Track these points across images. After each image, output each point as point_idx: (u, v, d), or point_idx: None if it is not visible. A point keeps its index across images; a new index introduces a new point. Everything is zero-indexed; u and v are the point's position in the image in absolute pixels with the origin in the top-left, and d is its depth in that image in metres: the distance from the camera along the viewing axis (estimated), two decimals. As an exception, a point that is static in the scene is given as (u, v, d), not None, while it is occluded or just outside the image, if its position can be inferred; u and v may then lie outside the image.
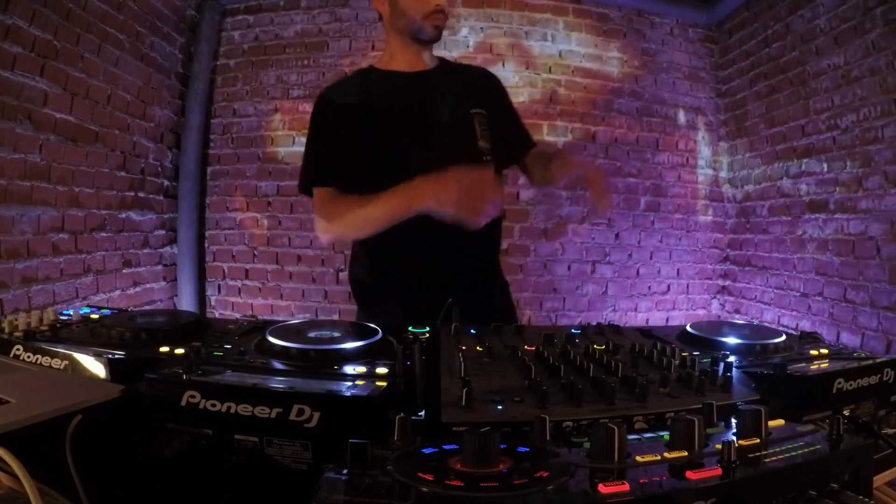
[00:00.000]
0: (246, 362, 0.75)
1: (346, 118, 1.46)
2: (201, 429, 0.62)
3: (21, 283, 2.33)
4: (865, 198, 2.71)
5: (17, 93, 2.27)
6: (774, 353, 0.88)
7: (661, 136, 3.70)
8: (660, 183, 3.70)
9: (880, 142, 2.61)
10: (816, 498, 0.47)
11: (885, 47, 2.56)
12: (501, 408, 0.62)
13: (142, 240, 3.21)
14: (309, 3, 3.53)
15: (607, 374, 0.74)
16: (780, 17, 3.23)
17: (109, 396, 0.64)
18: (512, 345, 0.89)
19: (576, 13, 3.60)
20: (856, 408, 0.72)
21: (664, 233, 3.71)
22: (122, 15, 2.86)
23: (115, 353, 0.75)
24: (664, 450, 0.48)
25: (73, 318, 0.95)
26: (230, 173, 3.59)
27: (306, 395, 0.61)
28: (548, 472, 0.43)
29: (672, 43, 3.74)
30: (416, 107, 1.45)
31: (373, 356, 0.80)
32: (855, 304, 2.74)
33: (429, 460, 0.46)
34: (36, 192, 2.41)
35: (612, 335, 1.00)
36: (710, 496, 0.42)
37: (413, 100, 1.46)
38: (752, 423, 0.52)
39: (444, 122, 1.45)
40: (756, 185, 3.52)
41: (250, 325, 0.96)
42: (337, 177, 1.45)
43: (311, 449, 0.60)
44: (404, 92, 1.47)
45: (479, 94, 1.53)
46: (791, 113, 3.18)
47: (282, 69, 3.54)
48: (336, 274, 3.50)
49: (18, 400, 0.60)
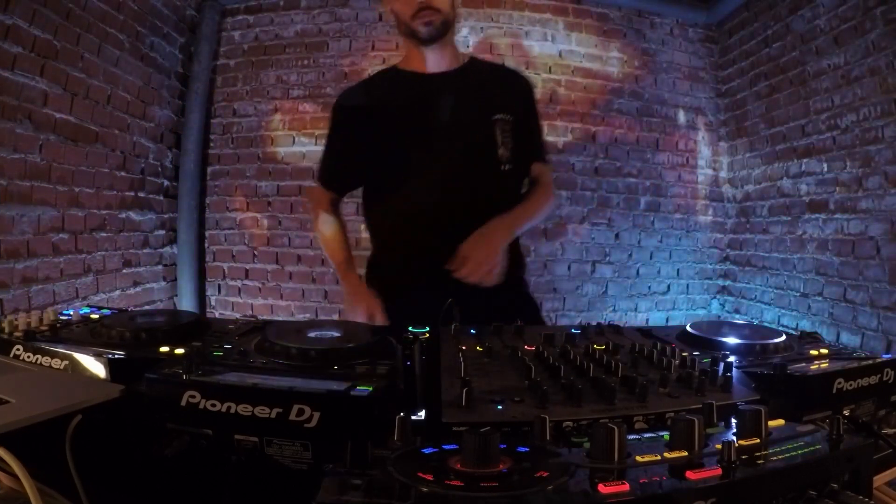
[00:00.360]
0: (246, 362, 0.75)
1: (352, 121, 1.46)
2: (201, 429, 0.62)
3: (21, 283, 2.33)
4: (865, 198, 2.71)
5: (17, 93, 2.27)
6: (774, 353, 0.88)
7: (661, 136, 3.70)
8: (660, 183, 3.70)
9: (880, 142, 2.61)
10: (816, 498, 0.47)
11: (885, 47, 2.56)
12: (501, 408, 0.62)
13: (142, 240, 3.21)
14: (309, 3, 3.53)
15: (607, 374, 0.74)
16: (780, 17, 3.23)
17: (109, 396, 0.64)
18: (512, 345, 0.88)
19: (576, 13, 3.59)
20: (856, 408, 0.72)
21: (664, 233, 3.71)
22: (122, 15, 2.86)
23: (115, 353, 0.75)
24: (664, 450, 0.48)
25: (73, 318, 0.95)
26: (230, 173, 3.59)
27: (306, 395, 0.61)
28: (548, 472, 0.43)
29: (672, 43, 3.74)
30: (420, 109, 1.42)
31: (373, 356, 0.80)
32: (855, 304, 2.74)
33: (429, 460, 0.46)
34: (36, 192, 2.41)
35: (612, 335, 1.00)
36: (710, 496, 0.42)
37: (419, 102, 1.43)
38: (752, 423, 0.52)
39: (459, 127, 1.41)
40: (756, 185, 3.52)
41: (250, 325, 0.96)
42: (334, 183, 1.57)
43: (311, 449, 0.60)
44: (412, 94, 1.44)
45: (505, 98, 1.48)
46: (791, 113, 3.18)
47: (282, 69, 3.54)
48: (336, 274, 3.50)
49: (18, 400, 0.60)
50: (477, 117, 1.43)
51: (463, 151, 1.41)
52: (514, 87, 1.55)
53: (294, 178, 3.52)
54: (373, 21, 3.50)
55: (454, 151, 1.40)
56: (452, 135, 1.41)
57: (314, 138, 3.51)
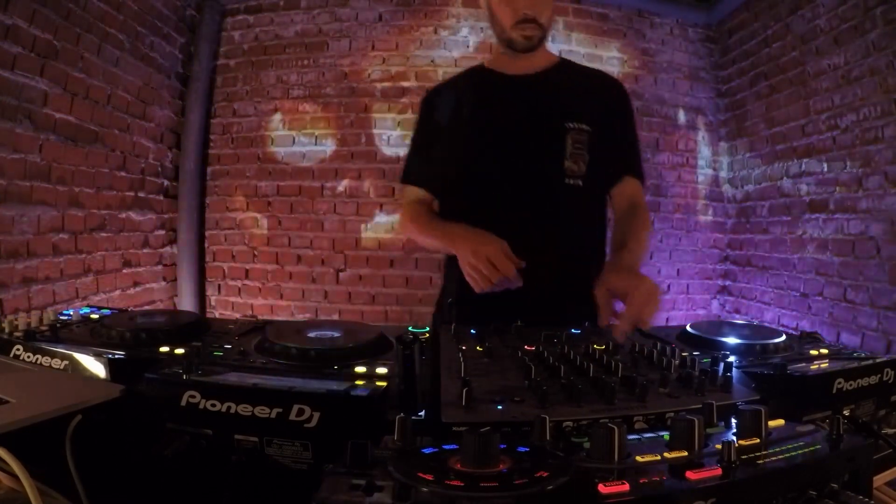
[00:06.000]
0: (246, 362, 0.75)
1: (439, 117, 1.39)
2: (201, 429, 0.62)
3: (21, 283, 2.33)
4: (865, 198, 2.70)
5: (17, 93, 2.27)
6: (774, 353, 0.88)
7: (661, 136, 3.70)
8: (660, 183, 3.70)
9: (880, 142, 2.61)
10: (816, 498, 0.47)
11: (885, 47, 2.56)
12: (501, 408, 0.62)
13: (142, 240, 3.21)
14: (309, 3, 3.53)
15: (607, 374, 0.74)
16: (780, 17, 3.23)
17: (109, 396, 0.64)
18: (512, 345, 0.89)
19: (576, 13, 3.59)
20: (856, 408, 0.72)
21: (664, 233, 3.71)
22: (122, 15, 2.86)
23: (115, 353, 0.75)
24: (664, 450, 0.49)
25: (73, 318, 0.95)
26: (230, 173, 3.59)
27: (306, 395, 0.61)
28: (548, 472, 0.43)
29: (672, 43, 3.74)
30: (494, 112, 1.35)
31: (373, 356, 0.80)
32: (855, 304, 2.74)
33: (429, 460, 0.46)
34: (36, 192, 2.41)
35: (612, 335, 1.00)
36: (710, 496, 0.42)
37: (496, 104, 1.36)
38: (752, 423, 0.52)
39: (527, 133, 1.33)
40: (756, 185, 3.52)
41: (250, 325, 0.96)
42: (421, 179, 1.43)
43: (311, 449, 0.60)
44: (491, 95, 1.37)
45: (587, 107, 1.35)
46: (791, 113, 3.18)
47: (282, 69, 3.54)
48: (336, 274, 3.50)
49: (18, 400, 0.60)
50: (547, 124, 1.33)
51: (525, 159, 1.32)
52: (603, 95, 1.40)
53: (294, 178, 3.52)
54: (373, 21, 3.50)
55: (517, 159, 1.32)
56: (519, 141, 1.33)
57: (314, 138, 3.51)
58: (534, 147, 1.33)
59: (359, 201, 3.49)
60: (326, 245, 3.50)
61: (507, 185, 1.32)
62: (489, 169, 1.32)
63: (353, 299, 3.51)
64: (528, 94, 1.36)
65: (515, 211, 1.30)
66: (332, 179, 3.50)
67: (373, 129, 3.46)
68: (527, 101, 1.35)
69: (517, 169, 1.32)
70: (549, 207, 1.33)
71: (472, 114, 1.36)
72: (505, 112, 1.35)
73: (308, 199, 3.51)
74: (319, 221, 3.50)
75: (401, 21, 3.49)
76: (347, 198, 3.50)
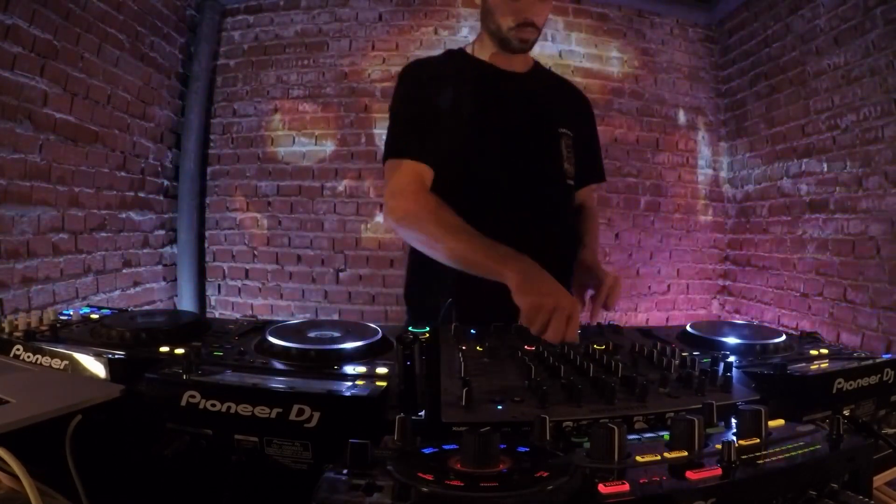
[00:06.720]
0: (246, 362, 0.75)
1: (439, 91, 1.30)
2: (201, 429, 0.62)
3: (21, 283, 2.33)
4: (865, 198, 2.70)
5: (17, 93, 2.27)
6: (774, 353, 0.88)
7: (661, 136, 3.70)
8: (660, 183, 3.70)
9: (880, 142, 2.61)
10: (816, 498, 0.47)
11: (885, 47, 2.56)
12: (501, 408, 0.62)
13: (142, 240, 3.21)
14: (309, 3, 3.53)
15: (607, 374, 0.74)
16: (780, 17, 3.23)
17: (109, 396, 0.64)
18: (512, 345, 0.88)
19: (576, 13, 3.59)
20: (856, 408, 0.72)
21: (664, 233, 3.71)
22: (121, 15, 2.86)
23: (115, 353, 0.75)
24: (664, 450, 0.48)
25: (73, 318, 0.95)
26: (230, 173, 3.59)
27: (306, 395, 0.61)
28: (548, 472, 0.43)
29: (672, 43, 3.74)
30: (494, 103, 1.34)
31: (373, 356, 0.80)
32: (855, 304, 2.74)
33: (429, 460, 0.46)
34: (36, 192, 2.41)
35: (612, 335, 1.00)
36: (710, 496, 0.42)
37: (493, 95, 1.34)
38: (752, 423, 0.52)
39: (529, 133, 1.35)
40: (756, 185, 3.52)
41: (250, 325, 0.95)
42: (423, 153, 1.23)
43: (311, 449, 0.60)
44: (486, 84, 1.35)
45: (570, 113, 1.43)
46: (791, 113, 3.18)
47: (282, 69, 3.54)
48: (336, 274, 3.50)
49: (18, 400, 0.60)
50: (546, 126, 1.37)
51: (537, 161, 1.34)
52: (577, 104, 1.49)
53: (294, 178, 3.52)
54: (373, 21, 3.50)
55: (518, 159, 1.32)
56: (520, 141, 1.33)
57: (314, 138, 3.51)
58: (534, 148, 1.35)
59: (359, 201, 3.49)
60: (326, 245, 3.50)
61: (510, 185, 1.32)
62: (492, 168, 1.31)
63: (353, 299, 3.51)
64: (526, 94, 1.37)
65: (518, 211, 1.31)
66: (332, 179, 3.50)
67: (373, 129, 3.46)
68: (526, 102, 1.36)
69: (519, 169, 1.32)
70: (550, 208, 1.36)
71: (474, 107, 1.31)
72: (507, 111, 1.34)
73: (308, 199, 3.52)
74: (319, 221, 3.51)
75: (401, 21, 3.49)
76: (347, 198, 3.50)
